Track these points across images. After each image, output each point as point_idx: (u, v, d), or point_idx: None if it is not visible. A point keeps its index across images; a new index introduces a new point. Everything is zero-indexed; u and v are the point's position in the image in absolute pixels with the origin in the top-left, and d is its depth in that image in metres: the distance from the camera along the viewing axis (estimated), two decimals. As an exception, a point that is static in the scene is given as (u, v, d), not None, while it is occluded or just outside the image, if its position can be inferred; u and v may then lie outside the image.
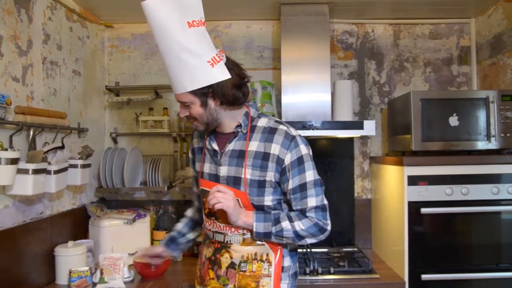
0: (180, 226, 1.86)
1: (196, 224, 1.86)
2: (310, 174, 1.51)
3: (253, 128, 1.55)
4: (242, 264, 1.54)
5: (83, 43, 2.54)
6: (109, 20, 2.80)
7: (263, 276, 1.53)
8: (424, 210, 2.12)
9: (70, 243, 2.12)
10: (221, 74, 1.43)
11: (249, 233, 1.53)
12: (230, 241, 1.55)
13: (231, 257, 1.55)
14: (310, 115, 2.48)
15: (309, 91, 2.50)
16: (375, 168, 2.73)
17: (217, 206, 1.45)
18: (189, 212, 1.89)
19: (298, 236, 1.50)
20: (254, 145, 1.52)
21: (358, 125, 2.31)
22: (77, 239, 2.28)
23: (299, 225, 1.49)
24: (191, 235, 1.86)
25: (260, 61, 2.86)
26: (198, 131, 1.69)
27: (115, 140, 2.85)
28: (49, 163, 1.93)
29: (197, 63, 1.41)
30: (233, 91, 1.48)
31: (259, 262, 1.53)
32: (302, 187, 1.50)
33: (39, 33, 2.07)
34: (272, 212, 1.53)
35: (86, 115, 2.56)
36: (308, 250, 2.54)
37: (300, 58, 2.52)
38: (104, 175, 2.57)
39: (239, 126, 1.55)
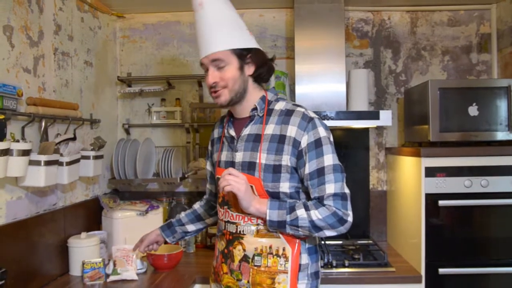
0: (182, 215, 1.86)
1: (199, 218, 1.85)
2: (329, 158, 1.41)
3: (270, 112, 1.50)
4: (256, 258, 1.45)
5: (95, 34, 2.53)
6: (121, 10, 2.78)
7: (279, 272, 1.44)
8: (441, 203, 2.07)
9: (83, 234, 2.13)
10: (257, 44, 1.51)
11: (263, 224, 1.44)
12: (243, 231, 1.47)
13: (244, 249, 1.47)
14: (325, 105, 2.43)
15: (323, 81, 2.45)
16: (391, 159, 2.68)
17: (227, 189, 1.38)
18: (196, 205, 1.88)
19: (314, 226, 1.37)
20: (270, 129, 1.46)
21: (374, 115, 2.25)
22: (90, 230, 2.29)
23: (316, 214, 1.37)
24: (189, 227, 1.84)
25: (274, 50, 2.81)
26: (219, 120, 1.70)
27: (127, 131, 2.84)
28: (61, 155, 1.93)
29: (242, 25, 1.49)
30: (267, 62, 1.52)
31: (275, 256, 1.44)
32: (320, 172, 1.40)
33: (50, 23, 2.05)
34: (288, 200, 1.43)
35: (98, 106, 2.55)
36: (322, 242, 2.51)
37: (314, 47, 2.47)
38: (116, 166, 2.57)
39: (255, 109, 1.50)
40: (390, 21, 2.78)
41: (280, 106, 1.51)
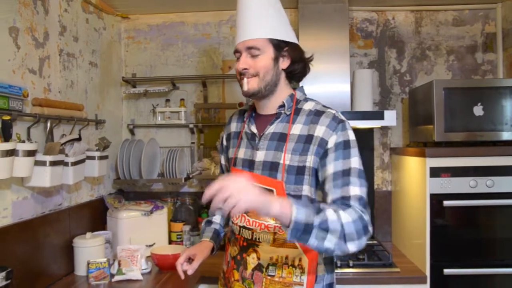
0: (218, 218, 1.70)
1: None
2: (356, 161, 1.32)
3: (298, 111, 1.42)
4: (270, 268, 1.37)
5: (100, 35, 2.54)
6: (125, 11, 2.79)
7: (294, 284, 1.35)
8: (446, 203, 2.06)
9: (88, 234, 2.13)
10: (297, 41, 1.46)
11: (281, 232, 1.35)
12: (258, 239, 1.39)
13: (259, 258, 1.39)
14: (329, 105, 2.40)
15: (327, 81, 2.45)
16: (395, 160, 2.67)
17: (238, 209, 1.09)
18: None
19: (343, 233, 1.17)
20: (297, 128, 1.38)
21: (379, 115, 2.25)
22: (95, 230, 2.29)
23: (345, 216, 1.19)
24: (224, 228, 1.71)
25: (278, 51, 2.81)
26: (237, 113, 1.61)
27: (132, 132, 2.85)
28: (67, 155, 1.94)
29: (284, 18, 1.46)
30: (303, 58, 1.47)
31: (290, 267, 1.35)
32: (346, 173, 1.29)
33: (55, 25, 2.07)
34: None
35: (103, 107, 2.56)
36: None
37: (319, 47, 2.44)
38: (121, 166, 2.57)
39: (282, 106, 1.43)
40: (394, 21, 2.77)
41: (309, 106, 1.43)
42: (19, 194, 1.78)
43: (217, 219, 1.70)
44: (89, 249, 2.07)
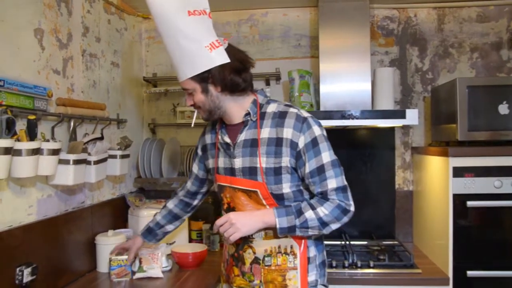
0: (159, 217, 1.92)
1: (176, 217, 1.92)
2: (327, 155, 1.45)
3: (263, 115, 1.52)
4: (266, 259, 1.52)
5: (121, 35, 2.57)
6: (146, 11, 2.81)
7: (289, 269, 1.50)
8: (470, 203, 2.02)
9: (110, 232, 2.17)
10: (220, 58, 1.44)
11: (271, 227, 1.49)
12: (252, 235, 1.52)
13: (254, 252, 1.53)
14: (350, 104, 2.41)
15: (348, 80, 2.42)
16: (417, 159, 2.63)
17: (234, 238, 1.45)
18: (170, 204, 1.92)
19: (323, 223, 1.43)
20: (266, 132, 1.49)
21: (400, 114, 2.22)
22: (117, 228, 2.33)
23: (322, 211, 1.43)
24: (169, 227, 1.93)
25: (298, 50, 2.80)
26: (210, 124, 1.72)
27: (153, 131, 2.88)
28: (89, 154, 1.97)
29: (195, 48, 1.43)
30: (231, 76, 1.46)
31: (284, 255, 1.51)
32: (320, 170, 1.45)
33: (79, 26, 2.10)
34: (292, 204, 1.47)
35: (125, 106, 2.60)
36: (347, 242, 2.49)
37: (339, 46, 2.45)
38: (142, 165, 2.61)
39: (248, 114, 1.52)
40: (416, 18, 2.73)
41: (272, 108, 1.52)
42: (43, 192, 1.81)
43: (157, 218, 1.94)
44: (111, 247, 2.09)
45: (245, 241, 1.54)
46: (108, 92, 2.40)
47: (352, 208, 1.47)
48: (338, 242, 2.54)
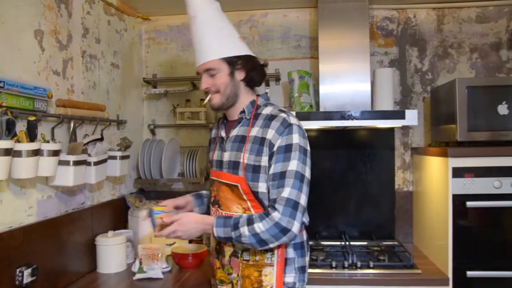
0: (205, 192, 1.89)
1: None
2: (294, 164, 1.45)
3: (257, 116, 1.59)
4: (244, 253, 1.55)
5: (121, 36, 2.58)
6: (146, 12, 2.82)
7: (265, 265, 1.54)
8: (470, 204, 2.02)
9: (110, 233, 2.17)
10: (248, 50, 1.59)
11: None
12: None
13: (233, 246, 1.57)
14: (349, 105, 2.41)
15: (347, 81, 2.43)
16: (417, 160, 2.63)
17: (174, 236, 1.51)
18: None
19: (260, 240, 1.42)
20: (254, 131, 1.55)
21: (400, 115, 2.22)
22: (117, 229, 2.33)
23: (260, 227, 1.42)
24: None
25: (297, 50, 2.80)
26: (217, 121, 1.78)
27: (153, 132, 2.89)
28: (89, 155, 1.97)
29: (232, 34, 1.59)
30: (254, 69, 1.59)
31: (262, 251, 1.53)
32: (282, 175, 1.45)
33: (78, 27, 2.11)
34: (234, 216, 1.50)
35: (125, 107, 2.60)
36: (347, 243, 2.49)
37: (338, 47, 2.45)
38: (142, 166, 2.61)
39: (243, 112, 1.59)
40: (415, 19, 2.73)
41: (267, 111, 1.58)
42: (43, 193, 1.82)
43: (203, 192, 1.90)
44: (111, 248, 2.11)
45: None
46: (108, 93, 2.40)
47: (295, 229, 1.41)
48: (338, 243, 2.55)
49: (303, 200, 1.44)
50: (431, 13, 2.73)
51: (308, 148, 1.51)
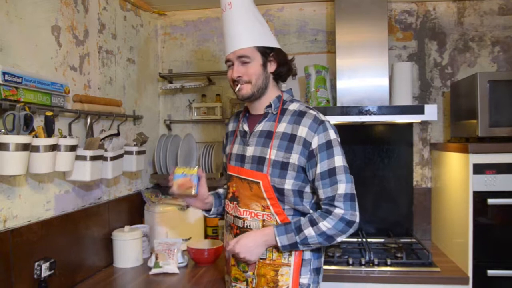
0: (221, 191, 1.85)
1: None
2: (339, 160, 1.47)
3: (283, 111, 1.57)
4: None
5: (137, 32, 2.58)
6: (162, 8, 2.82)
7: (282, 265, 1.52)
8: (491, 201, 1.97)
9: (127, 227, 2.18)
10: (278, 44, 1.60)
11: (269, 219, 1.51)
12: (249, 226, 1.54)
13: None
14: (367, 100, 2.37)
15: (365, 75, 2.39)
16: (436, 156, 2.58)
17: (240, 258, 1.52)
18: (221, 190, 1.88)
19: (327, 237, 1.45)
20: (282, 127, 1.53)
21: (418, 110, 2.17)
22: (133, 224, 2.35)
23: (325, 225, 1.45)
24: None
25: (314, 45, 2.77)
26: (234, 115, 1.78)
27: (169, 127, 2.89)
28: (106, 150, 1.98)
29: (265, 25, 1.60)
30: (285, 64, 1.60)
31: (279, 251, 1.51)
32: (331, 172, 1.46)
33: (95, 23, 2.11)
34: (292, 221, 1.49)
35: (141, 103, 2.61)
36: (364, 240, 2.46)
37: (356, 41, 2.41)
38: (158, 161, 2.62)
39: (269, 106, 1.58)
40: (435, 11, 2.67)
41: (294, 107, 1.57)
42: (61, 187, 1.83)
43: (220, 191, 1.86)
44: (127, 242, 2.12)
45: (243, 231, 1.56)
46: (124, 89, 2.41)
47: (357, 219, 1.47)
48: (355, 240, 2.52)
49: (354, 189, 1.49)
50: (451, 6, 2.66)
51: (339, 139, 1.53)
